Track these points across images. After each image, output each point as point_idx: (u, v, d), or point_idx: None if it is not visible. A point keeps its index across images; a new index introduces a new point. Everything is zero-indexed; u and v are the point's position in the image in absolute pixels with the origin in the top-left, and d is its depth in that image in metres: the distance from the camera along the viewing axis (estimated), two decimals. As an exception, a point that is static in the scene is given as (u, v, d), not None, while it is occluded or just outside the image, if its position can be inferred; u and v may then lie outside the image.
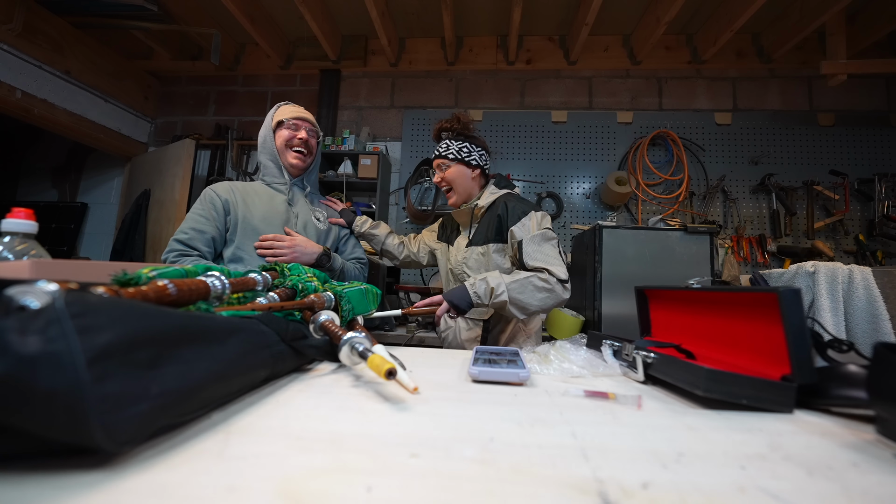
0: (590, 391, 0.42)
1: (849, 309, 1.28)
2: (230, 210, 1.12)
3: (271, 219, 1.14)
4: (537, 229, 1.07)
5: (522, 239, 1.06)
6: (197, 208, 1.12)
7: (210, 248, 1.09)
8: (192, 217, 1.10)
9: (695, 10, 2.32)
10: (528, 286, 1.00)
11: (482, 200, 1.18)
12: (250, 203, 1.15)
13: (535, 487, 0.22)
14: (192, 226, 1.08)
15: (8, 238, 0.55)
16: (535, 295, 1.00)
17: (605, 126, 2.57)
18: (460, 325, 1.19)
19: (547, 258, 1.04)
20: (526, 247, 1.05)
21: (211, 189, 1.15)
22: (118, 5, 2.20)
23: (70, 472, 0.21)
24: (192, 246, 1.06)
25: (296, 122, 1.19)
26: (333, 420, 0.31)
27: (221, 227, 1.11)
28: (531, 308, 1.01)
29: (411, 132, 2.68)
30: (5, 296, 0.22)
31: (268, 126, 1.21)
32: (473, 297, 1.00)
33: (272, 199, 1.18)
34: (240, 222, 1.11)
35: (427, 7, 2.40)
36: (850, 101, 2.45)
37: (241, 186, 1.18)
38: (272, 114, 1.23)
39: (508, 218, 1.10)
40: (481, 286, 1.00)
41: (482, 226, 1.16)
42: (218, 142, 2.76)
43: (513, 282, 1.00)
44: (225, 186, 1.16)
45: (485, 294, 0.99)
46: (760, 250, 2.34)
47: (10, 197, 3.15)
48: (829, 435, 0.33)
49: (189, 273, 0.41)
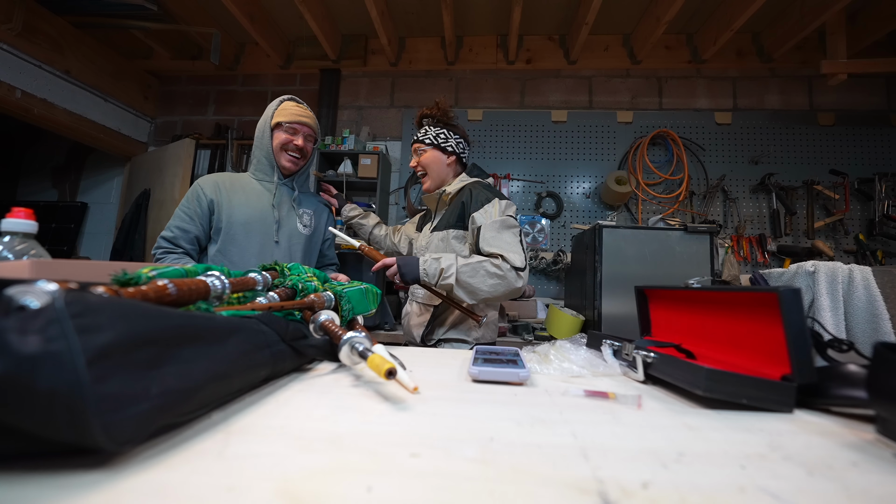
0: (590, 391, 0.42)
1: (849, 309, 1.27)
2: (215, 210, 1.15)
3: (253, 226, 1.16)
4: (499, 216, 1.06)
5: (482, 224, 1.06)
6: (184, 205, 1.15)
7: (194, 247, 1.15)
8: (179, 215, 1.14)
9: (695, 10, 2.32)
10: (480, 270, 1.00)
11: (451, 187, 1.18)
12: (235, 204, 1.16)
13: (535, 487, 0.22)
14: (177, 224, 1.13)
15: (8, 238, 0.55)
16: (486, 280, 1.00)
17: (605, 126, 2.57)
18: (413, 309, 1.21)
19: (504, 244, 1.03)
20: (484, 232, 1.05)
21: (199, 186, 1.16)
22: (118, 5, 2.20)
23: (70, 472, 0.21)
24: (177, 244, 1.12)
25: (295, 126, 1.18)
26: (333, 420, 0.31)
27: (206, 225, 1.15)
28: (480, 293, 1.01)
29: (411, 132, 2.68)
30: (5, 296, 0.22)
31: (266, 122, 1.20)
32: (422, 273, 1.01)
33: (259, 201, 1.19)
34: (223, 227, 1.14)
35: (427, 7, 2.40)
36: (850, 101, 2.45)
37: (228, 183, 1.19)
38: (273, 109, 1.20)
39: (472, 204, 1.10)
40: (433, 265, 1.01)
41: (447, 213, 1.17)
42: (218, 141, 2.76)
43: (464, 265, 1.00)
44: (212, 185, 1.17)
45: (434, 273, 1.00)
46: (760, 250, 2.34)
47: (10, 197, 3.15)
48: (829, 435, 0.33)
49: (189, 273, 0.41)
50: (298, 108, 1.22)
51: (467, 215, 1.10)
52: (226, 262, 1.11)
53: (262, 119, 1.21)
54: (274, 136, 1.19)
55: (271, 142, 1.19)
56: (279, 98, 1.23)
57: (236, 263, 1.12)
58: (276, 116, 1.19)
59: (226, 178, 1.20)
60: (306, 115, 1.21)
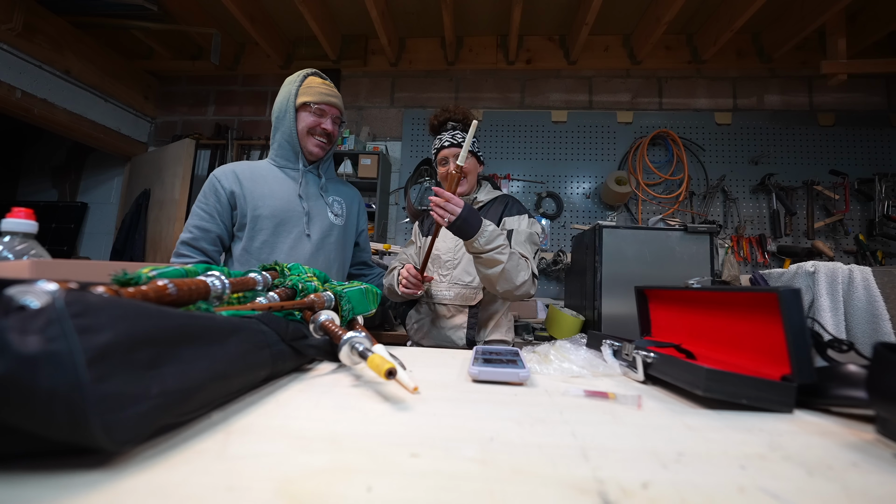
0: (590, 391, 0.42)
1: (849, 309, 1.27)
2: (236, 204, 1.02)
3: (281, 219, 1.04)
4: (528, 229, 1.12)
5: (514, 229, 1.11)
6: (201, 202, 1.02)
7: (217, 248, 1.03)
8: (197, 213, 1.02)
9: (695, 10, 2.32)
10: (521, 263, 1.02)
11: (482, 195, 1.21)
12: (258, 196, 1.03)
13: (535, 487, 0.22)
14: (196, 223, 1.01)
15: (8, 238, 0.55)
16: (520, 274, 1.01)
17: (605, 126, 2.57)
18: (441, 312, 1.15)
19: (528, 253, 1.08)
20: (516, 236, 1.10)
21: (215, 178, 1.03)
22: (118, 5, 2.20)
23: (70, 472, 0.21)
24: (198, 247, 1.00)
25: (323, 107, 1.05)
26: (333, 420, 0.31)
27: (228, 222, 1.03)
28: (510, 283, 0.99)
29: (411, 132, 2.68)
30: (5, 296, 0.22)
31: (290, 101, 1.04)
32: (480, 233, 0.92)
33: (284, 190, 1.06)
34: (248, 223, 1.02)
35: (427, 7, 2.40)
36: (850, 101, 2.45)
37: (248, 172, 1.06)
38: (296, 85, 1.05)
39: (505, 211, 1.15)
40: (495, 232, 0.95)
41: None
42: (218, 141, 2.76)
43: (513, 254, 1.00)
44: (230, 175, 1.04)
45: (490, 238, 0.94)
46: (760, 250, 2.34)
47: (10, 197, 3.15)
48: (829, 435, 0.33)
49: (189, 273, 0.41)
50: (325, 85, 1.07)
51: (499, 220, 1.15)
52: (252, 261, 1.01)
53: (284, 96, 1.05)
54: (299, 118, 1.05)
55: (295, 124, 1.05)
56: (301, 72, 1.07)
57: (265, 261, 0.99)
58: (301, 95, 1.04)
59: (244, 167, 1.06)
60: (334, 93, 1.08)
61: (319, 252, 1.08)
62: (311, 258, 1.06)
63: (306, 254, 1.05)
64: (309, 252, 1.06)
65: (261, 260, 1.01)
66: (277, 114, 1.07)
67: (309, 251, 1.06)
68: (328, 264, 1.09)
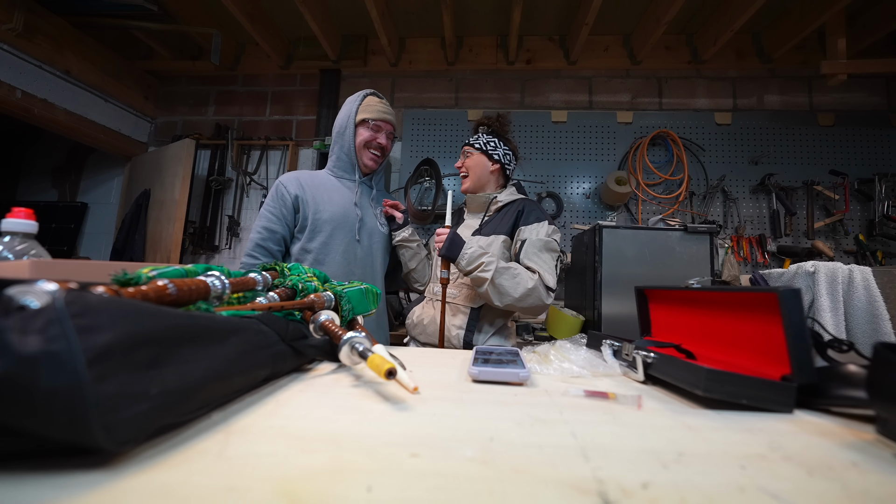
0: (590, 391, 0.42)
1: (849, 309, 1.28)
2: (300, 208, 1.14)
3: (337, 223, 1.15)
4: (545, 237, 1.11)
5: (528, 239, 1.10)
6: (269, 205, 1.14)
7: (281, 248, 1.14)
8: (265, 215, 1.13)
9: (695, 10, 2.32)
10: (517, 276, 1.04)
11: (502, 196, 1.23)
12: (319, 201, 1.15)
13: (535, 487, 0.22)
14: (264, 224, 1.12)
15: (8, 238, 0.55)
16: (518, 287, 1.03)
17: (605, 126, 2.57)
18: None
19: (542, 263, 1.08)
20: (528, 247, 1.09)
21: (281, 184, 1.15)
22: (118, 5, 2.20)
23: (70, 472, 0.21)
24: (266, 247, 1.11)
25: (379, 123, 1.18)
26: (333, 420, 0.31)
27: (291, 224, 1.15)
28: (508, 297, 1.04)
29: (411, 132, 2.68)
30: (5, 296, 0.22)
31: (350, 118, 1.17)
32: (461, 254, 1.04)
33: (341, 198, 1.18)
34: (309, 225, 1.13)
35: (427, 7, 2.40)
36: (850, 101, 2.45)
37: (309, 180, 1.18)
38: (357, 104, 1.18)
39: (523, 217, 1.15)
40: (476, 252, 1.04)
41: (495, 221, 1.20)
42: (218, 142, 2.76)
43: (504, 267, 1.04)
44: (294, 181, 1.15)
45: (470, 260, 1.03)
46: (760, 250, 2.34)
47: (10, 197, 3.15)
48: (829, 435, 0.33)
49: (189, 273, 0.41)
50: (381, 103, 1.20)
51: (516, 227, 1.15)
52: (309, 260, 1.12)
53: (344, 114, 1.19)
54: (357, 133, 1.18)
55: (354, 139, 1.18)
56: (360, 92, 1.21)
57: (320, 261, 1.12)
58: (360, 112, 1.17)
59: (306, 176, 1.19)
60: (389, 111, 1.21)
61: (367, 255, 1.19)
62: (362, 260, 1.18)
63: (356, 256, 1.17)
64: (359, 254, 1.17)
65: (317, 259, 1.13)
66: (338, 129, 1.20)
67: (358, 254, 1.17)
68: (373, 265, 1.21)
